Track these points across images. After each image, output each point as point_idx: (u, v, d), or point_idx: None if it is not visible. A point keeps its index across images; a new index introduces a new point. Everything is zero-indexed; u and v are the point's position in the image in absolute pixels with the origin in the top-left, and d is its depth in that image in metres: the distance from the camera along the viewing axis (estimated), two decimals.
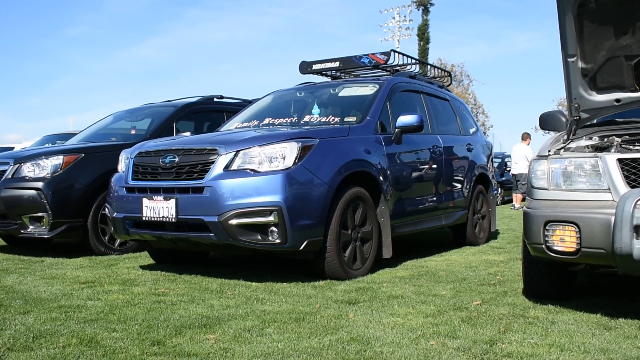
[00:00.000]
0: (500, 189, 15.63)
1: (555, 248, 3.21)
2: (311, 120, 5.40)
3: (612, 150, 3.30)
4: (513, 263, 5.33)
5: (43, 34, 76.72)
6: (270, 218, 4.12)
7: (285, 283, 4.33)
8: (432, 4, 34.09)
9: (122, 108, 7.90)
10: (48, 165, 5.76)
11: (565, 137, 3.67)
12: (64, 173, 5.74)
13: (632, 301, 3.76)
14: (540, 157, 3.50)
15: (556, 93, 62.55)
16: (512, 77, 68.87)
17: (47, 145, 9.43)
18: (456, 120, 6.91)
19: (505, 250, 6.30)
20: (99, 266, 5.17)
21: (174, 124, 6.75)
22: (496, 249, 6.36)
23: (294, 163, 4.25)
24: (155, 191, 4.52)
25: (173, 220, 4.37)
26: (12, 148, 13.06)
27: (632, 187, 3.10)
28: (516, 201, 13.72)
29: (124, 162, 4.98)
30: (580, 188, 3.27)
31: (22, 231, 5.71)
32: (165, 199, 4.40)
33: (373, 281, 4.46)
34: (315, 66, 6.63)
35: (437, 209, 5.94)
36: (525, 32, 70.95)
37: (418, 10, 34.50)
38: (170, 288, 4.17)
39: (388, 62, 6.29)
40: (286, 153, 4.28)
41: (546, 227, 3.23)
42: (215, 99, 7.57)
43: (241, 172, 4.26)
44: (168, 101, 7.64)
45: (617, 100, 3.71)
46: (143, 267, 5.09)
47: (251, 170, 4.26)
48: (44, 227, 5.63)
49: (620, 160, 3.18)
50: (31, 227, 5.68)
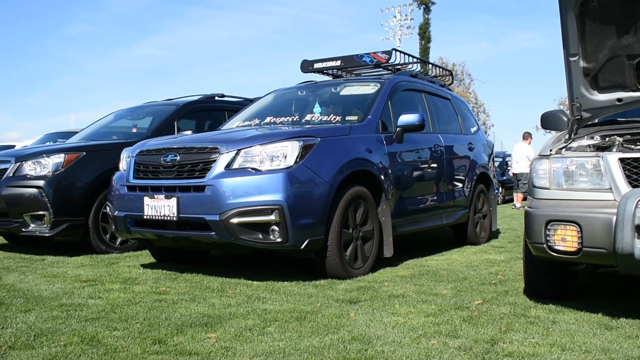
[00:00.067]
0: (501, 188, 15.63)
1: (556, 247, 3.21)
2: (312, 119, 5.40)
3: (614, 149, 3.30)
4: (514, 262, 5.33)
5: (44, 33, 76.86)
6: (271, 217, 4.12)
7: (286, 282, 4.33)
8: (434, 3, 34.07)
9: (123, 106, 7.91)
10: (49, 163, 5.76)
11: (566, 137, 3.67)
12: (65, 171, 5.74)
13: (633, 301, 3.76)
14: (541, 157, 3.50)
15: (557, 92, 62.64)
16: (513, 76, 68.99)
17: (48, 143, 9.45)
18: (457, 119, 6.90)
19: (506, 249, 6.30)
20: (100, 265, 5.18)
21: (175, 123, 6.75)
22: (497, 249, 6.36)
23: (295, 162, 4.25)
24: (156, 190, 4.52)
25: (174, 218, 4.37)
26: (13, 146, 13.08)
27: (634, 187, 3.09)
28: (517, 200, 13.71)
29: (126, 161, 4.98)
30: (581, 187, 3.26)
31: (23, 229, 5.71)
32: (166, 198, 4.40)
33: (374, 280, 4.46)
34: (316, 65, 6.63)
35: (438, 208, 5.93)
36: (526, 31, 71.00)
37: (419, 9, 34.47)
38: (171, 287, 4.17)
39: (389, 61, 6.29)
40: (287, 152, 4.28)
41: (547, 227, 3.23)
42: (216, 98, 7.57)
43: (242, 171, 4.26)
44: (169, 100, 7.65)
45: (619, 99, 3.70)
46: (144, 266, 5.10)
47: (252, 169, 4.26)
48: (45, 226, 5.63)
49: (621, 159, 3.18)
50: (32, 226, 5.69)
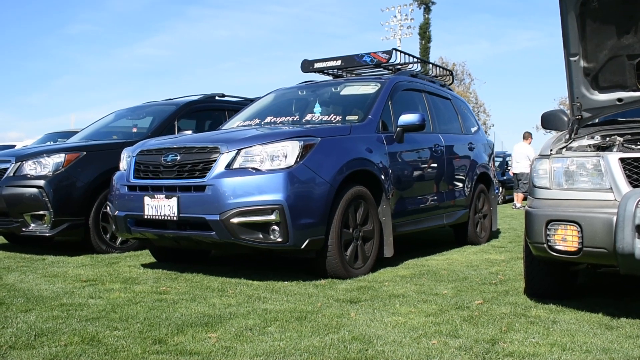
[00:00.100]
0: (501, 188, 15.64)
1: (557, 247, 3.21)
2: (313, 118, 5.40)
3: (614, 149, 3.30)
4: (514, 262, 5.33)
5: (44, 32, 76.88)
6: (271, 217, 4.12)
7: (286, 282, 4.33)
8: (434, 3, 34.03)
9: (124, 106, 7.94)
10: (49, 163, 5.76)
11: (567, 137, 3.66)
12: (66, 171, 5.74)
13: (634, 301, 3.76)
14: (542, 157, 3.50)
15: (557, 92, 62.62)
16: (514, 76, 69.00)
17: (49, 143, 9.45)
18: (458, 119, 6.90)
19: (506, 249, 6.30)
20: (101, 264, 5.18)
21: (176, 123, 6.75)
22: (497, 248, 6.35)
23: (296, 162, 4.25)
24: (157, 189, 4.52)
25: (175, 218, 4.37)
26: (14, 146, 13.08)
27: (634, 187, 3.09)
28: (517, 200, 13.71)
29: (126, 160, 4.98)
30: (582, 187, 3.26)
31: (24, 229, 5.71)
32: (167, 197, 4.40)
33: (374, 280, 4.46)
34: (317, 65, 6.63)
35: (439, 208, 5.93)
36: (526, 31, 71.03)
37: (419, 8, 34.44)
38: (171, 286, 4.17)
39: (390, 61, 6.29)
40: (288, 152, 4.27)
41: (548, 227, 3.23)
42: (216, 98, 7.57)
43: (243, 171, 4.26)
44: (169, 99, 7.65)
45: (619, 99, 3.70)
46: (144, 266, 5.10)
47: (253, 168, 4.26)
48: (46, 225, 5.63)
49: (622, 159, 3.18)
50: (33, 225, 5.69)
